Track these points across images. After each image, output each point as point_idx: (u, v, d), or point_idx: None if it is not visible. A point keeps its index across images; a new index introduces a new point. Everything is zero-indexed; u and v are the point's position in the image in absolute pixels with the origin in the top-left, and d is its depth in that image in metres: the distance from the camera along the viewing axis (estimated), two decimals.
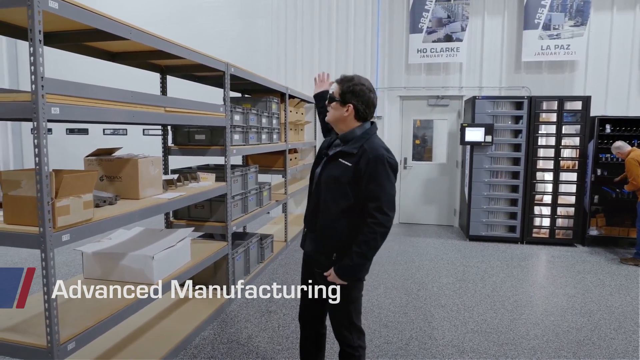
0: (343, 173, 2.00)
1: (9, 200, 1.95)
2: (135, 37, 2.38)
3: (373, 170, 1.95)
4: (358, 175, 1.97)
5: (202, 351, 3.08)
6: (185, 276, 3.09)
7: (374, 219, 1.95)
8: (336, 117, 2.09)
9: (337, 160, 2.05)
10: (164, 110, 2.73)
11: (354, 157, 1.99)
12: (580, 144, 5.95)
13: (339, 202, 2.02)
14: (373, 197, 1.95)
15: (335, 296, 2.10)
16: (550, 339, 3.34)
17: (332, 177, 2.04)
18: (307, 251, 2.23)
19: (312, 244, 2.17)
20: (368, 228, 1.95)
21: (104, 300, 2.47)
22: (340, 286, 2.09)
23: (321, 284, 2.17)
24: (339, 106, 2.06)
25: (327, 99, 2.15)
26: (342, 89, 2.06)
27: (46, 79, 1.79)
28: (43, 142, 1.80)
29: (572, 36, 6.38)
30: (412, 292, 4.25)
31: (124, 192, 2.76)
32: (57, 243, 1.89)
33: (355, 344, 2.17)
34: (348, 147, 2.03)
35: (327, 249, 2.08)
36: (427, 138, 7.55)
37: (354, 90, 2.03)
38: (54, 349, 1.92)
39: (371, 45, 7.20)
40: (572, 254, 5.72)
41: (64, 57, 4.17)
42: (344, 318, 2.15)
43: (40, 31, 1.75)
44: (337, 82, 2.11)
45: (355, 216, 2.02)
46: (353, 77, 2.08)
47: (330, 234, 2.06)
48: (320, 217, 2.09)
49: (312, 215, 2.16)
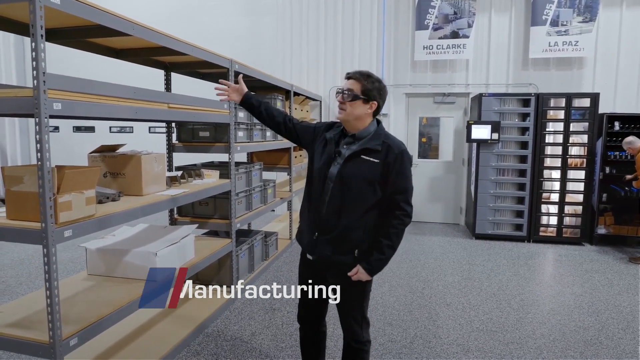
0: (371, 170, 1.99)
1: (11, 196, 1.95)
2: (137, 33, 2.37)
3: (400, 165, 1.99)
4: (387, 170, 1.98)
5: (206, 348, 3.07)
6: (189, 273, 3.08)
7: (402, 211, 2.00)
8: (357, 115, 2.02)
9: (358, 158, 2.01)
10: (167, 106, 2.72)
11: (379, 154, 2.00)
12: (589, 142, 5.88)
13: (367, 199, 2.01)
14: (401, 190, 2.00)
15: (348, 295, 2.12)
16: (557, 338, 3.30)
17: (359, 175, 2.00)
18: (323, 255, 2.10)
19: (328, 247, 2.07)
20: (397, 220, 2.00)
21: (107, 296, 2.47)
22: (357, 282, 2.08)
23: (333, 284, 2.14)
24: (362, 103, 2.01)
25: (346, 96, 2.00)
26: (364, 86, 1.99)
27: (48, 75, 1.78)
28: (45, 137, 1.79)
29: (581, 32, 6.29)
30: (417, 291, 4.22)
31: (128, 188, 2.76)
32: (59, 239, 1.89)
33: (364, 338, 2.19)
34: (370, 143, 2.02)
35: (349, 247, 2.05)
36: (433, 136, 7.50)
37: (379, 88, 2.03)
38: (56, 344, 1.92)
39: (377, 42, 7.15)
40: (580, 252, 5.66)
41: (69, 55, 4.19)
42: (358, 313, 2.15)
43: (42, 26, 1.74)
44: (354, 79, 2.02)
45: (378, 211, 2.04)
46: (370, 73, 2.04)
47: (354, 233, 2.03)
48: (343, 216, 2.03)
49: (330, 216, 2.05)
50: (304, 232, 2.20)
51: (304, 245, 2.20)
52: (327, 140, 2.13)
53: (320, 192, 2.08)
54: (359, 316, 2.16)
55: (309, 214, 2.15)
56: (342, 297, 2.14)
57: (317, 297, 2.25)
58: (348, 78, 2.05)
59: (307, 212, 2.17)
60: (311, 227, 2.13)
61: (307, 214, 2.17)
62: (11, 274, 4.55)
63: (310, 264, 2.20)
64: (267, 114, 2.31)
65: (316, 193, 2.11)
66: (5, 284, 4.27)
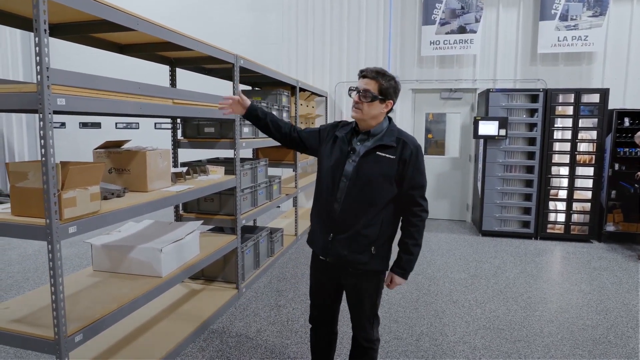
0: (388, 166, 1.98)
1: (16, 192, 1.94)
2: (142, 28, 2.35)
3: (416, 160, 1.99)
4: (403, 166, 1.98)
5: (211, 344, 3.07)
6: (194, 269, 3.08)
7: (420, 207, 2.03)
8: (373, 114, 1.99)
9: (374, 154, 1.99)
10: (172, 102, 2.70)
11: (395, 150, 1.98)
12: (598, 138, 5.81)
13: (385, 195, 1.99)
14: (418, 186, 2.01)
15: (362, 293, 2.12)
16: (565, 336, 3.26)
17: (377, 172, 1.97)
18: (340, 255, 2.04)
19: (345, 247, 2.02)
20: (416, 217, 2.03)
21: (112, 292, 2.47)
22: (372, 279, 2.09)
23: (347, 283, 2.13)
24: (379, 103, 1.98)
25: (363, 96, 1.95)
26: (382, 85, 1.95)
27: (51, 70, 1.77)
28: (49, 133, 1.78)
29: (591, 27, 6.20)
30: (423, 288, 4.20)
31: (133, 184, 2.75)
32: (63, 235, 1.88)
33: (374, 337, 2.19)
34: (386, 140, 2.00)
35: (366, 245, 2.02)
36: (439, 132, 7.44)
37: (395, 87, 2.01)
38: (61, 341, 1.92)
39: (383, 38, 7.10)
40: (588, 250, 5.60)
41: (75, 51, 4.18)
42: (370, 310, 2.14)
43: (45, 21, 1.73)
44: (370, 78, 1.96)
45: (391, 208, 2.04)
46: (385, 71, 2.00)
47: (371, 230, 2.01)
48: (361, 214, 2.00)
49: (346, 215, 2.01)
50: (316, 234, 2.15)
51: (318, 248, 2.15)
52: (339, 138, 2.09)
53: (334, 191, 2.04)
54: (371, 314, 2.15)
55: (322, 215, 2.10)
56: (356, 296, 2.13)
57: (330, 299, 2.25)
58: (363, 76, 2.00)
59: (320, 214, 2.12)
60: (325, 228, 2.08)
61: (319, 216, 2.12)
62: (18, 269, 4.58)
63: (324, 267, 2.16)
64: (273, 126, 2.25)
65: (329, 192, 2.05)
66: (13, 279, 4.29)
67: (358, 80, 2.03)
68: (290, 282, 4.29)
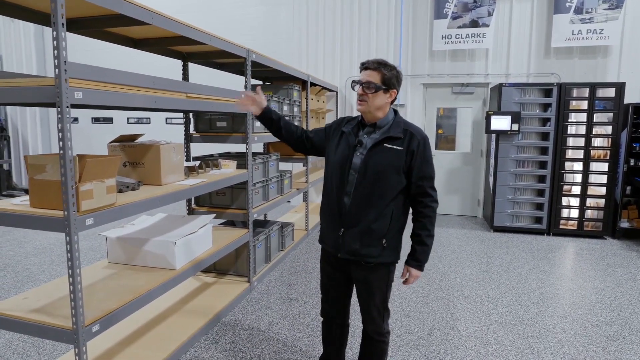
0: (396, 158, 1.98)
1: (34, 184, 1.97)
2: (156, 22, 2.36)
3: (423, 151, 2.00)
4: (411, 157, 1.99)
5: (224, 337, 3.10)
6: (207, 262, 3.11)
7: (430, 197, 2.03)
8: (378, 105, 2.00)
9: (381, 146, 1.99)
10: (186, 96, 2.72)
11: (402, 141, 1.99)
12: (613, 133, 5.72)
13: (394, 187, 2.00)
14: (427, 177, 2.02)
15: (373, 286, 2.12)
16: (578, 332, 3.24)
17: (385, 164, 1.97)
18: (351, 249, 2.04)
19: (356, 241, 2.02)
20: (427, 208, 2.03)
21: (128, 284, 2.50)
22: (382, 271, 2.09)
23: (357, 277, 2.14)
24: (383, 93, 1.99)
25: (367, 88, 1.95)
26: (384, 75, 1.97)
27: (69, 64, 1.79)
28: (67, 126, 1.81)
29: (606, 20, 6.09)
30: (435, 283, 4.19)
31: (147, 178, 2.78)
32: (81, 227, 1.91)
33: (384, 330, 2.19)
34: (393, 132, 2.01)
35: (377, 238, 2.02)
36: (450, 127, 7.38)
37: (397, 76, 2.02)
38: (79, 330, 1.95)
39: (394, 32, 7.05)
40: (602, 246, 5.53)
41: (88, 47, 4.22)
42: (380, 303, 2.14)
43: (62, 15, 1.74)
44: (372, 69, 1.97)
45: (400, 200, 2.04)
46: (385, 61, 2.01)
47: (382, 222, 2.01)
48: (371, 207, 2.00)
49: (356, 208, 2.01)
50: (327, 231, 2.16)
51: (329, 246, 2.15)
52: (345, 133, 2.10)
53: (343, 185, 2.04)
54: (381, 307, 2.15)
55: (332, 211, 2.10)
56: (366, 289, 2.13)
57: (341, 293, 2.26)
58: (365, 68, 2.01)
59: (330, 210, 2.12)
60: (336, 224, 2.08)
61: (329, 212, 2.12)
62: (34, 261, 4.66)
63: (335, 261, 2.17)
64: (286, 130, 2.26)
65: (338, 187, 2.06)
66: (29, 271, 4.37)
67: (360, 73, 2.04)
68: (301, 276, 4.31)
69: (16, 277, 4.20)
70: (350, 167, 2.03)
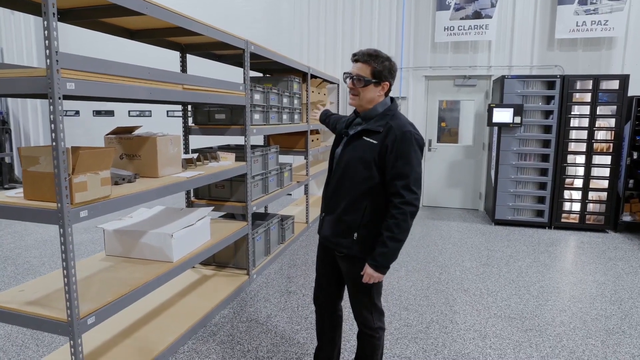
0: (368, 151, 1.92)
1: (28, 176, 1.96)
2: (151, 12, 2.33)
3: (400, 148, 1.87)
4: (384, 153, 1.89)
5: (222, 329, 3.10)
6: (205, 255, 3.10)
7: (402, 199, 1.87)
8: (370, 99, 1.97)
9: (360, 139, 1.97)
10: (182, 87, 2.70)
11: (380, 135, 1.91)
12: (616, 126, 5.66)
13: (364, 182, 1.95)
14: (401, 175, 1.87)
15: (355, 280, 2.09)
16: (578, 326, 3.22)
17: (356, 157, 1.95)
18: (325, 235, 2.13)
19: (330, 228, 2.09)
20: (397, 209, 1.87)
21: (124, 276, 2.50)
22: (361, 266, 2.03)
23: (342, 267, 2.15)
24: (374, 87, 1.95)
25: (357, 82, 1.95)
26: (374, 68, 1.92)
27: (61, 54, 1.77)
28: (59, 118, 1.79)
29: (611, 11, 6.01)
30: (434, 276, 4.17)
31: (143, 170, 2.77)
32: (74, 219, 1.90)
33: (375, 325, 2.16)
34: (372, 125, 1.95)
35: (348, 230, 2.01)
36: (452, 119, 7.33)
37: (389, 67, 1.95)
38: (74, 323, 1.95)
39: (396, 24, 6.98)
40: (603, 240, 5.50)
41: (87, 40, 4.17)
42: (366, 298, 2.11)
43: (53, 4, 1.72)
44: (362, 62, 1.93)
45: (378, 196, 1.96)
46: (378, 52, 1.95)
47: (350, 215, 2.00)
48: (341, 198, 2.01)
49: (332, 196, 2.08)
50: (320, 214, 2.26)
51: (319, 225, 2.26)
52: (342, 122, 2.22)
53: (331, 173, 2.16)
54: (367, 301, 2.12)
55: (324, 192, 2.21)
56: (350, 282, 2.14)
57: (330, 278, 2.26)
58: (355, 61, 1.97)
59: (323, 193, 2.23)
60: (322, 207, 2.21)
61: (322, 195, 2.24)
62: (34, 254, 4.67)
63: (321, 244, 2.26)
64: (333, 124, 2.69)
65: (329, 175, 2.19)
66: (29, 263, 4.38)
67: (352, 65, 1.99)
68: (300, 268, 4.31)
69: (16, 269, 4.21)
70: (334, 156, 2.13)
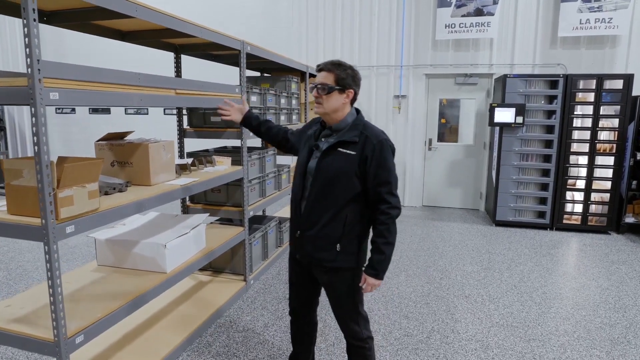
0: (347, 162, 1.93)
1: (11, 190, 1.87)
2: (141, 15, 2.23)
3: (379, 156, 1.92)
4: (364, 162, 1.92)
5: (218, 339, 3.02)
6: (200, 264, 3.02)
7: (388, 204, 1.93)
8: (335, 106, 1.97)
9: (336, 151, 1.96)
10: (175, 92, 2.60)
11: (357, 145, 1.94)
12: (620, 126, 5.56)
13: (346, 192, 1.95)
14: (383, 182, 1.93)
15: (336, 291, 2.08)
16: (582, 335, 3.15)
17: (335, 169, 1.94)
18: (306, 253, 2.06)
19: (310, 244, 2.03)
20: (384, 215, 1.93)
21: (115, 289, 2.41)
22: (344, 276, 2.04)
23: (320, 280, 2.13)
24: (339, 94, 1.96)
25: (321, 89, 1.95)
26: (338, 76, 1.95)
27: (43, 62, 1.67)
28: (42, 129, 1.69)
29: (616, 8, 5.89)
30: (435, 281, 4.10)
31: (135, 177, 2.67)
32: (60, 235, 1.81)
33: (363, 335, 2.13)
34: (346, 136, 1.96)
35: (330, 242, 2.00)
36: (453, 118, 7.23)
37: (353, 75, 1.98)
38: (61, 343, 1.86)
39: (396, 21, 6.86)
40: (606, 242, 5.43)
41: (86, 39, 4.06)
42: (351, 308, 2.09)
43: (34, 10, 1.62)
44: (325, 70, 1.96)
45: (357, 204, 1.98)
46: (341, 62, 1.99)
47: (335, 227, 1.98)
48: (322, 212, 1.98)
49: (310, 212, 2.00)
50: (290, 231, 2.18)
51: (292, 245, 2.19)
52: (308, 135, 2.12)
53: (301, 188, 2.06)
54: (351, 311, 2.10)
55: (293, 212, 2.13)
56: (333, 294, 2.10)
57: (306, 291, 2.24)
58: (320, 70, 1.99)
59: (292, 211, 2.15)
60: (295, 225, 2.11)
61: (292, 213, 2.15)
62: (28, 257, 4.58)
63: (297, 263, 2.20)
64: (269, 132, 2.39)
65: (297, 190, 2.08)
66: (22, 268, 4.29)
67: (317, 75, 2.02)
68: None
69: (9, 274, 4.13)
70: (307, 170, 2.04)
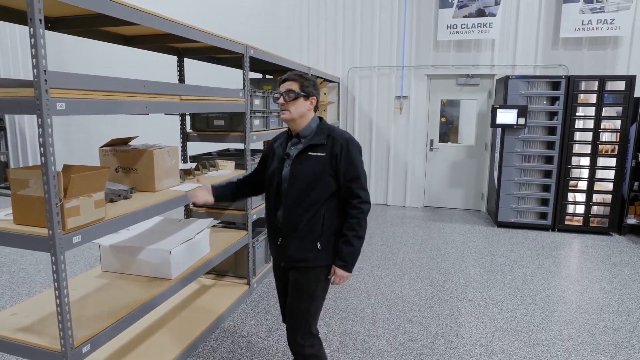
0: (319, 164, 2.01)
1: (17, 200, 1.86)
2: (146, 22, 2.22)
3: (347, 154, 2.03)
4: (335, 161, 2.02)
5: (222, 344, 3.02)
6: (205, 269, 3.01)
7: (359, 198, 2.03)
8: (301, 112, 2.06)
9: (306, 155, 2.04)
10: (179, 98, 2.59)
11: (325, 147, 2.03)
12: (622, 127, 5.56)
13: (323, 192, 2.02)
14: (354, 178, 2.03)
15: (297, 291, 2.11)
16: (586, 340, 3.15)
17: (309, 172, 2.01)
18: (290, 257, 2.08)
19: (292, 248, 2.06)
20: (356, 209, 2.03)
21: (121, 296, 2.41)
22: (305, 282, 2.07)
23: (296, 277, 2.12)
24: (304, 100, 2.06)
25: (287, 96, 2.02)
26: (302, 84, 2.05)
27: (50, 73, 1.65)
28: (49, 140, 1.68)
29: (618, 9, 5.88)
30: (438, 284, 4.10)
31: (140, 184, 2.66)
32: (67, 246, 1.80)
33: (306, 352, 2.10)
34: (314, 139, 2.05)
35: (311, 242, 2.05)
36: (454, 119, 7.22)
37: (314, 84, 2.10)
38: (68, 353, 1.86)
39: (398, 22, 6.85)
40: (608, 243, 5.43)
41: (87, 43, 4.04)
42: (301, 316, 2.09)
43: (41, 20, 1.61)
44: (291, 80, 2.05)
45: (331, 202, 2.06)
46: (302, 73, 2.10)
47: (315, 227, 2.04)
48: (302, 214, 2.02)
49: (290, 217, 2.04)
50: (270, 240, 2.22)
51: (273, 254, 2.22)
52: (275, 148, 2.17)
53: (277, 196, 2.10)
54: (301, 320, 2.09)
55: (270, 221, 2.16)
56: (296, 291, 2.10)
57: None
58: (284, 81, 2.08)
59: (268, 220, 2.18)
60: (274, 234, 2.14)
61: (268, 222, 2.18)
62: (30, 260, 4.58)
63: (282, 271, 2.22)
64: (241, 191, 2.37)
65: (273, 199, 2.11)
66: (25, 271, 4.29)
67: (279, 87, 2.09)
68: None
69: (12, 278, 4.12)
70: (281, 179, 2.08)
